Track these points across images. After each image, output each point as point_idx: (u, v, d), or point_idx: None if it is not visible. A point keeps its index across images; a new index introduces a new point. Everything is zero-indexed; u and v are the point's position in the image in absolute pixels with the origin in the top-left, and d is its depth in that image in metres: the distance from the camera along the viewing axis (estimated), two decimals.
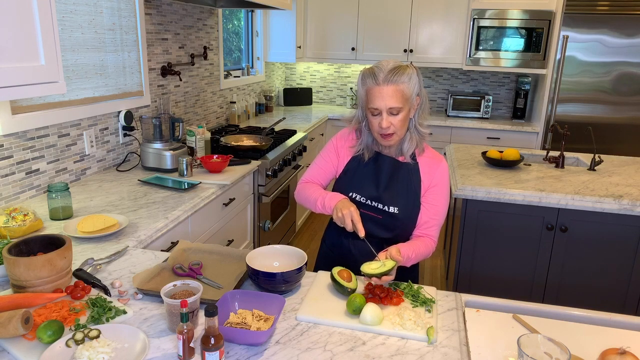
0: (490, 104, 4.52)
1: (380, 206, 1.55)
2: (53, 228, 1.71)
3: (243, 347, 1.11)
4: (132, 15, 2.55)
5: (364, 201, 1.57)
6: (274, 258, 1.45)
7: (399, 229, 1.57)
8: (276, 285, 1.31)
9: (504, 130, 4.28)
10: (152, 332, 1.15)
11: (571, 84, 3.95)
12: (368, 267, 1.33)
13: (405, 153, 1.54)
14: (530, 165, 2.82)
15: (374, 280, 1.31)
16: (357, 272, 1.42)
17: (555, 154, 3.00)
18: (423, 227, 1.57)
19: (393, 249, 1.37)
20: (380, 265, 1.32)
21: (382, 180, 1.56)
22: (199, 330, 1.15)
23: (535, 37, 4.13)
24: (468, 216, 2.44)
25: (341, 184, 1.62)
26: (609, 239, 2.33)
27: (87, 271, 1.39)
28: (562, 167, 2.76)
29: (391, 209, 1.54)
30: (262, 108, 4.55)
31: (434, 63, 4.60)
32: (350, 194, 1.58)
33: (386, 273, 1.31)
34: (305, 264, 1.37)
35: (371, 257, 1.49)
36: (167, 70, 2.88)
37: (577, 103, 3.99)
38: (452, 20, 4.44)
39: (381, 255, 1.38)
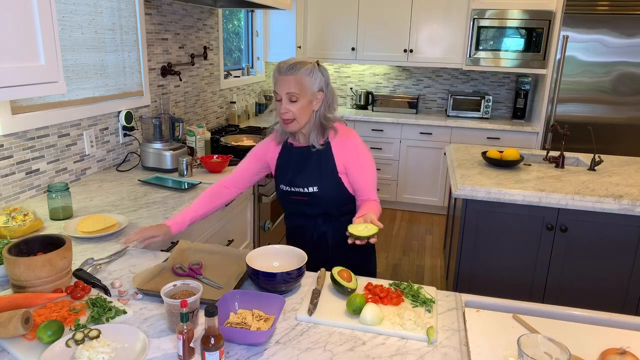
0: (490, 104, 4.52)
1: (300, 189, 1.70)
2: (53, 228, 1.71)
3: (243, 347, 1.11)
4: (132, 15, 2.55)
5: (289, 189, 1.72)
6: (274, 258, 1.45)
7: (325, 204, 1.71)
8: (276, 285, 1.31)
9: (504, 130, 4.28)
10: (152, 332, 1.15)
11: (571, 84, 3.95)
12: (355, 229, 1.41)
13: (312, 142, 1.67)
14: (530, 165, 2.82)
15: (357, 242, 1.40)
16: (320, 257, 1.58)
17: (555, 154, 3.00)
18: (363, 194, 1.70)
19: (370, 215, 1.49)
20: (364, 227, 1.42)
21: (293, 168, 1.72)
22: (199, 330, 1.15)
23: (535, 37, 4.13)
24: (468, 216, 2.44)
25: (276, 180, 1.79)
26: (609, 239, 2.33)
27: (87, 271, 1.39)
28: (562, 167, 2.76)
29: (310, 189, 1.69)
30: (262, 108, 4.55)
31: (434, 63, 4.60)
32: (281, 186, 1.75)
33: (372, 236, 1.40)
34: (306, 263, 1.37)
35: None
36: (167, 70, 2.88)
37: (577, 103, 3.99)
38: (452, 20, 4.44)
39: (357, 219, 1.51)
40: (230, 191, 1.82)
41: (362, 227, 1.41)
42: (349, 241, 1.42)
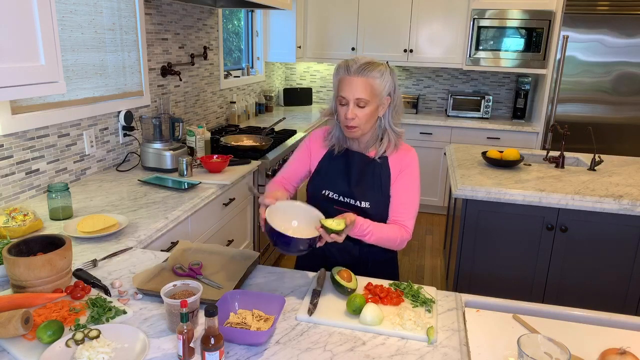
0: (490, 104, 4.52)
1: (352, 202, 1.57)
2: (53, 228, 1.71)
3: (243, 347, 1.11)
4: (132, 15, 2.55)
5: (337, 198, 1.59)
6: (293, 217, 1.42)
7: None
8: (291, 248, 1.30)
9: (504, 130, 4.28)
10: (152, 332, 1.15)
11: (571, 84, 3.95)
12: (326, 221, 1.32)
13: (378, 150, 1.56)
14: (530, 165, 2.82)
15: (321, 232, 1.31)
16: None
17: (555, 154, 3.00)
18: (394, 215, 1.56)
19: (351, 214, 1.38)
20: (332, 221, 1.33)
21: (353, 175, 1.58)
22: (199, 330, 1.15)
23: (535, 37, 4.13)
24: (468, 216, 2.44)
25: (315, 183, 1.64)
26: (609, 239, 2.33)
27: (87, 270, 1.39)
28: (562, 167, 2.76)
29: (363, 204, 1.55)
30: (262, 108, 4.55)
31: (434, 63, 4.60)
32: (324, 192, 1.61)
33: (336, 231, 1.31)
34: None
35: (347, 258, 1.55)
36: (167, 70, 2.88)
37: (577, 103, 3.99)
38: (452, 20, 4.44)
39: (340, 216, 1.38)
40: (285, 185, 1.70)
41: (331, 221, 1.33)
42: (319, 231, 1.32)
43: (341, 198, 1.58)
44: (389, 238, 1.50)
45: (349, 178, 1.58)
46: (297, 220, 1.42)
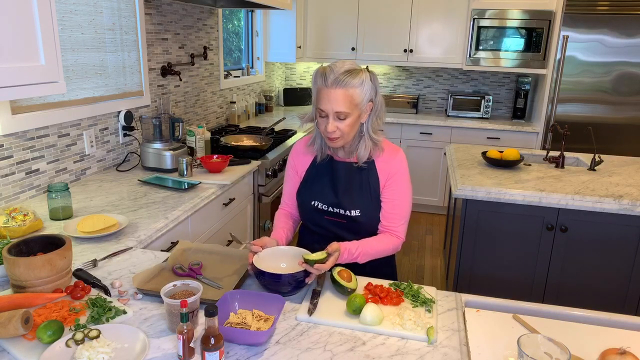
0: (490, 104, 4.52)
1: (341, 211, 1.55)
2: (53, 228, 1.71)
3: (243, 347, 1.11)
4: (132, 15, 2.55)
5: (326, 208, 1.57)
6: (282, 259, 1.43)
7: (364, 231, 1.56)
8: (281, 286, 1.31)
9: (504, 130, 4.28)
10: (152, 332, 1.15)
11: (571, 84, 3.95)
12: (308, 255, 1.32)
13: (360, 158, 1.52)
14: (530, 165, 2.82)
15: (305, 266, 1.30)
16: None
17: (555, 154, 3.00)
18: (385, 222, 1.55)
19: (334, 243, 1.37)
20: (318, 255, 1.32)
21: (340, 185, 1.55)
22: (199, 330, 1.15)
23: (535, 37, 4.13)
24: (468, 216, 2.44)
25: (302, 194, 1.62)
26: (609, 239, 2.33)
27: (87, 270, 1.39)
28: (562, 167, 2.76)
29: (353, 213, 1.53)
30: (262, 108, 4.55)
31: (434, 63, 4.60)
32: (313, 203, 1.59)
33: (320, 261, 1.30)
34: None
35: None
36: (167, 70, 2.88)
37: (577, 103, 3.99)
38: (452, 20, 4.44)
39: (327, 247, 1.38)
40: (293, 212, 1.69)
41: (314, 254, 1.32)
42: (301, 265, 1.31)
43: (330, 208, 1.57)
44: (380, 251, 1.51)
45: (336, 188, 1.56)
46: (285, 262, 1.43)
